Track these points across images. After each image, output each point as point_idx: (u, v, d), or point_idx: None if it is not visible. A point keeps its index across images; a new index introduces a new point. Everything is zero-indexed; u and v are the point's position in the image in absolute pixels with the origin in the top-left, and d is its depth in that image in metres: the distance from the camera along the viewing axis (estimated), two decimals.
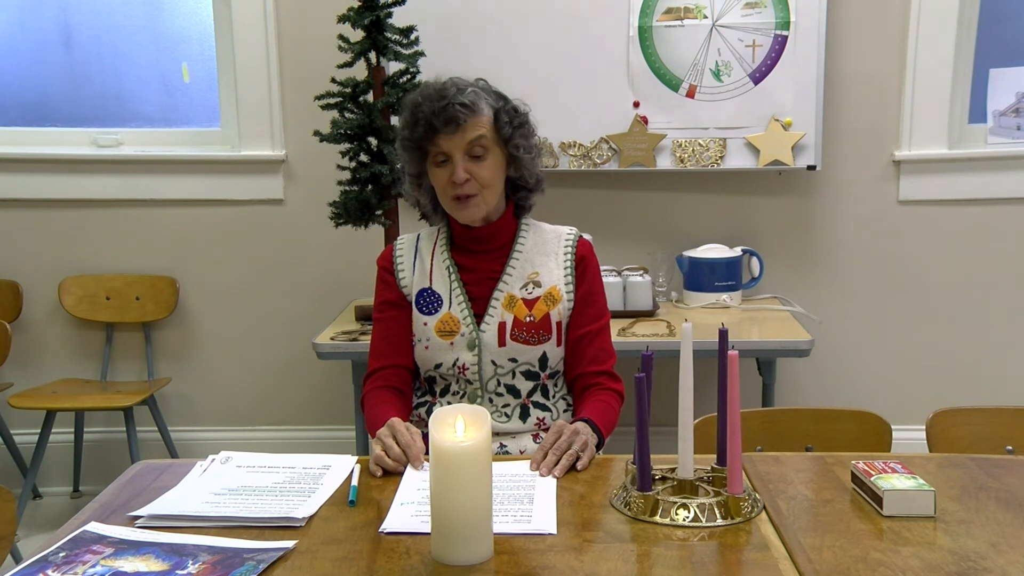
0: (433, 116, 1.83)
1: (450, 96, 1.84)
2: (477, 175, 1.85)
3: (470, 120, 1.84)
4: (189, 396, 3.52)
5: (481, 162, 1.86)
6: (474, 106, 1.85)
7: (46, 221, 3.43)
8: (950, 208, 3.34)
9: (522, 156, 1.90)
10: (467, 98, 1.85)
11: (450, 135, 1.84)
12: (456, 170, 1.84)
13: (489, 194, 1.88)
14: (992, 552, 1.30)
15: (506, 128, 1.88)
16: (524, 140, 1.91)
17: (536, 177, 1.96)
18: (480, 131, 1.85)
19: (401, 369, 1.95)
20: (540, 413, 1.93)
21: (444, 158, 1.86)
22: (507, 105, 1.91)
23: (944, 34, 3.20)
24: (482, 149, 1.86)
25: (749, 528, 1.39)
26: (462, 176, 1.84)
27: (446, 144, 1.85)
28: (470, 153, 1.85)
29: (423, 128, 1.85)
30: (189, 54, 3.46)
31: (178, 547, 1.31)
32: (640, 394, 1.39)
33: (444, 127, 1.83)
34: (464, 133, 1.84)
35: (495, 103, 1.90)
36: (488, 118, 1.87)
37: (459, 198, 1.87)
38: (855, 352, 3.43)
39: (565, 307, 1.94)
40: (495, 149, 1.88)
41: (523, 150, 1.90)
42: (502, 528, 1.36)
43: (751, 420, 1.94)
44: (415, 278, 1.96)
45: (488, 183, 1.87)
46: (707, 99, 3.18)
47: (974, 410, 1.96)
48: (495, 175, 1.88)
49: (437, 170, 1.88)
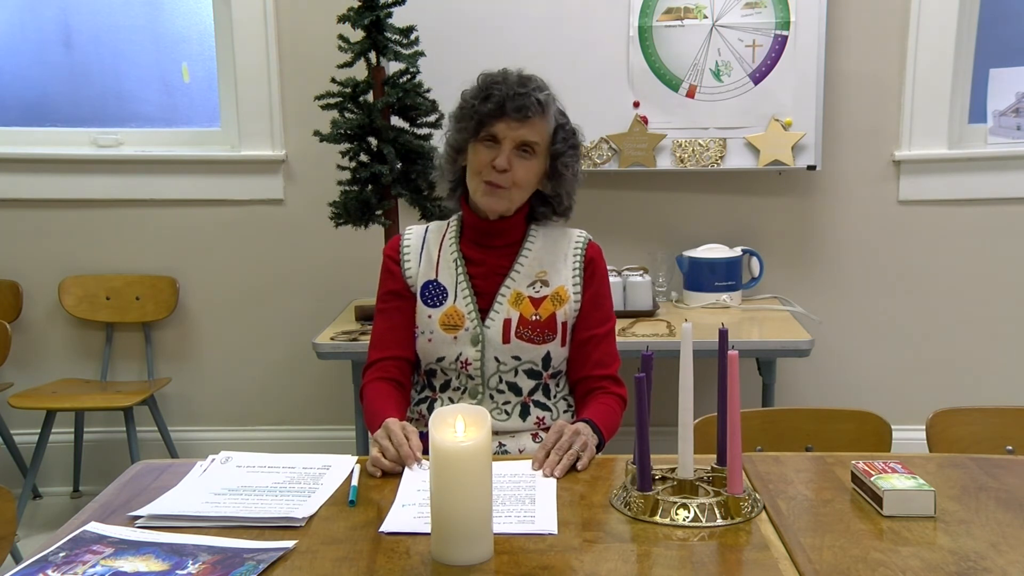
0: (508, 99, 1.85)
1: (531, 88, 1.87)
2: (516, 171, 1.87)
3: (536, 118, 1.87)
4: (189, 396, 3.53)
5: (525, 162, 1.88)
6: (546, 108, 1.89)
7: (46, 221, 3.43)
8: (950, 208, 3.34)
9: (566, 175, 1.93)
10: (544, 98, 1.88)
11: (512, 123, 1.86)
12: (501, 156, 1.86)
13: (517, 194, 1.90)
14: (992, 552, 1.30)
15: (560, 144, 1.91)
16: (573, 162, 1.94)
17: (568, 202, 1.98)
18: (537, 137, 1.88)
19: (401, 361, 1.95)
20: (540, 412, 1.93)
21: (493, 141, 1.88)
22: (568, 125, 1.95)
23: (944, 34, 3.20)
24: (531, 151, 1.88)
25: (749, 528, 1.39)
26: (504, 164, 1.85)
27: (504, 129, 1.86)
28: (520, 148, 1.87)
29: (493, 105, 1.86)
30: (189, 54, 3.46)
31: (178, 547, 1.31)
32: (640, 394, 1.39)
33: (513, 113, 1.85)
34: (525, 128, 1.87)
35: (560, 118, 1.94)
36: (550, 127, 1.91)
37: (491, 184, 1.88)
38: (855, 352, 3.42)
39: (571, 308, 1.94)
40: (542, 158, 1.91)
41: (570, 170, 1.93)
42: (503, 528, 1.37)
43: (751, 420, 1.94)
44: (421, 269, 1.96)
45: (522, 184, 1.89)
46: (707, 99, 3.18)
47: (974, 410, 1.96)
48: (531, 180, 1.91)
49: (481, 148, 1.89)
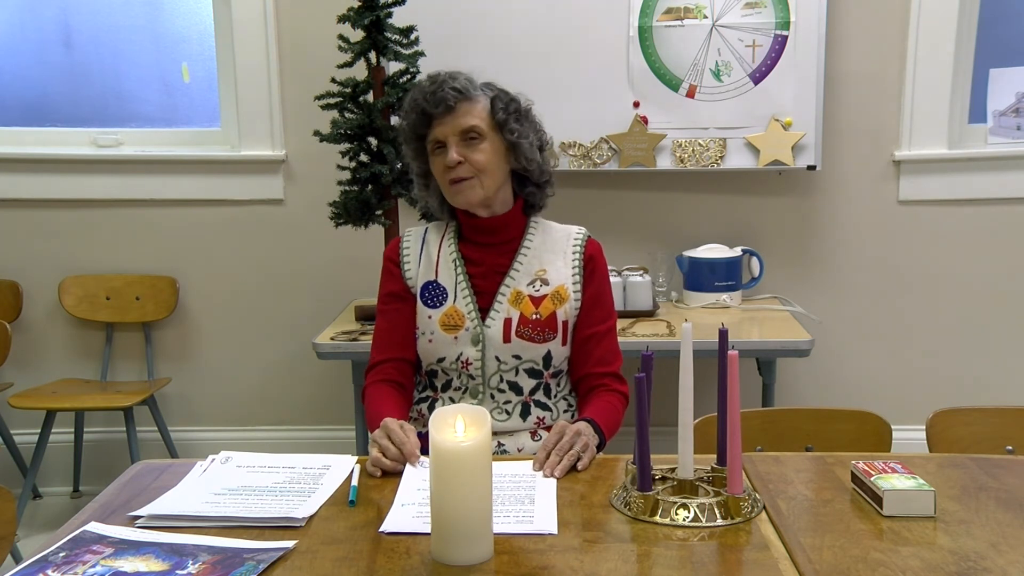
0: (425, 101, 1.86)
1: (440, 81, 1.88)
2: (471, 158, 1.86)
3: (462, 105, 1.87)
4: (189, 396, 3.52)
5: (476, 146, 1.87)
6: (465, 91, 1.88)
7: (46, 221, 3.43)
8: (950, 208, 3.34)
9: (520, 142, 1.90)
10: (459, 84, 1.88)
11: (442, 120, 1.86)
12: (449, 152, 1.86)
13: (486, 179, 1.88)
14: (992, 552, 1.30)
15: (500, 113, 1.89)
16: (520, 126, 1.91)
17: (541, 168, 1.96)
18: (475, 120, 1.87)
19: (403, 363, 1.96)
20: (541, 412, 1.93)
21: (440, 145, 1.88)
22: (503, 94, 1.92)
23: (944, 34, 3.20)
24: (477, 135, 1.87)
25: (749, 528, 1.39)
26: (454, 158, 1.85)
27: (439, 130, 1.87)
28: (464, 138, 1.87)
29: (416, 115, 1.88)
30: (189, 54, 3.46)
31: (178, 547, 1.31)
32: (640, 394, 1.39)
33: (435, 109, 1.85)
34: (457, 118, 1.86)
35: (489, 92, 1.92)
36: (483, 106, 1.89)
37: (454, 181, 1.88)
38: (855, 352, 3.42)
39: (572, 306, 1.94)
40: (492, 136, 1.89)
41: (519, 135, 1.90)
42: (503, 528, 1.36)
43: (751, 420, 1.94)
44: (421, 271, 1.96)
45: (483, 167, 1.87)
46: (707, 99, 3.18)
47: (974, 410, 1.96)
48: (492, 161, 1.88)
49: (436, 159, 1.90)
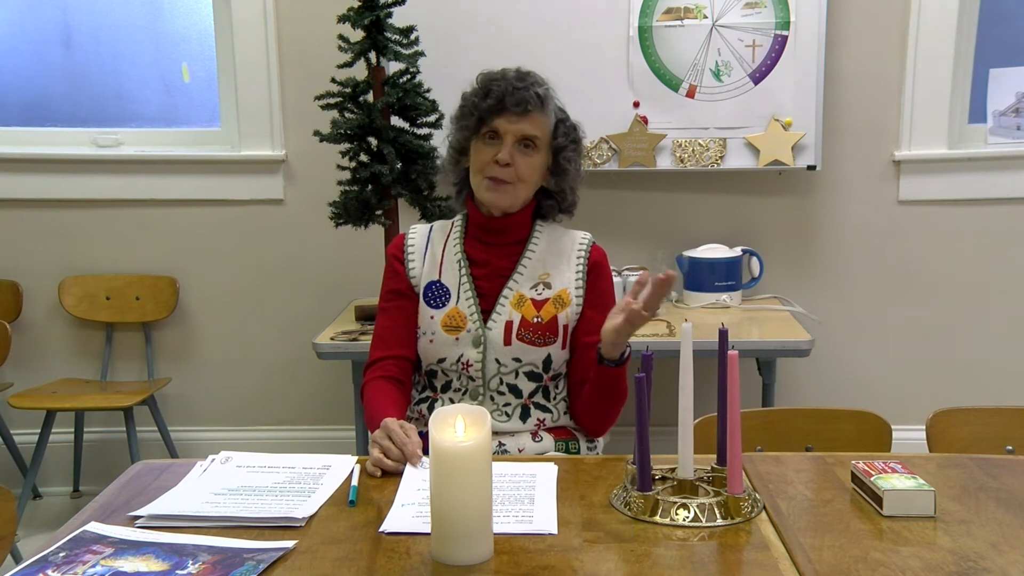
0: (507, 94, 1.87)
1: (529, 82, 1.89)
2: (519, 164, 1.88)
3: (536, 112, 1.88)
4: (189, 396, 3.52)
5: (528, 156, 1.89)
6: (545, 102, 1.90)
7: (46, 221, 3.43)
8: (950, 208, 3.34)
9: (569, 170, 1.94)
10: (542, 91, 1.90)
11: (512, 118, 1.87)
12: (504, 150, 1.86)
13: (522, 189, 1.90)
14: (992, 552, 1.29)
15: (562, 139, 1.92)
16: (575, 156, 1.95)
17: (572, 198, 1.99)
18: (539, 131, 1.89)
19: (402, 360, 1.96)
20: (541, 414, 1.93)
21: (495, 136, 1.89)
22: (568, 120, 1.97)
23: (944, 34, 3.20)
24: (533, 146, 1.89)
25: (749, 528, 1.39)
26: (506, 157, 1.86)
27: (504, 125, 1.88)
28: (521, 143, 1.88)
29: (493, 101, 1.88)
30: (189, 54, 3.46)
31: (178, 547, 1.31)
32: (640, 394, 1.39)
33: (513, 107, 1.86)
34: (525, 122, 1.88)
35: (559, 113, 1.95)
36: (550, 121, 1.92)
37: (494, 179, 1.88)
38: (855, 352, 3.42)
39: (573, 311, 1.94)
40: (544, 152, 1.92)
41: (572, 165, 1.94)
42: (503, 528, 1.36)
43: (751, 420, 1.94)
44: (425, 270, 1.96)
45: (525, 178, 1.89)
46: (707, 99, 3.18)
47: (974, 410, 1.95)
48: (534, 174, 1.91)
49: (483, 146, 1.90)
